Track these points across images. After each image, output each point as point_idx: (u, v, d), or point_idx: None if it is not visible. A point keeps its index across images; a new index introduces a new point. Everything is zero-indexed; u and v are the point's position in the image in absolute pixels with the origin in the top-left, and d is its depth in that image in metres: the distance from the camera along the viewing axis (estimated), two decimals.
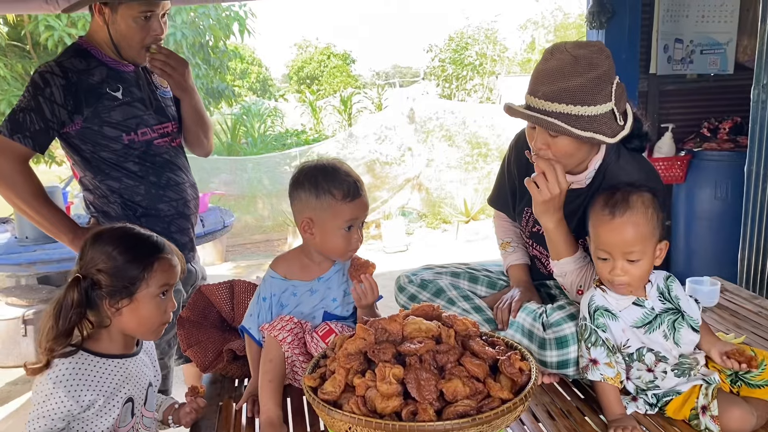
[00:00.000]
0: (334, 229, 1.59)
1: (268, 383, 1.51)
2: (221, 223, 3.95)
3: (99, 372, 1.39)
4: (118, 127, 1.98)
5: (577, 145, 1.64)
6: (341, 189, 1.56)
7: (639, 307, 1.55)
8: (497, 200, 2.12)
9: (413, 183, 8.01)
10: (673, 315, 1.55)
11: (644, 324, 1.53)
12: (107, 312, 1.39)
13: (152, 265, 1.40)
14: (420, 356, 1.21)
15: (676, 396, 1.48)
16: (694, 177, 3.79)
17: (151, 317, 1.42)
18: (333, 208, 1.57)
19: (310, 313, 1.66)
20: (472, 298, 1.98)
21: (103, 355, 1.41)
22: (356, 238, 1.62)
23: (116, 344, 1.44)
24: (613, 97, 1.60)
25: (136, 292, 1.39)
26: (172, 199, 2.12)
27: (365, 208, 1.62)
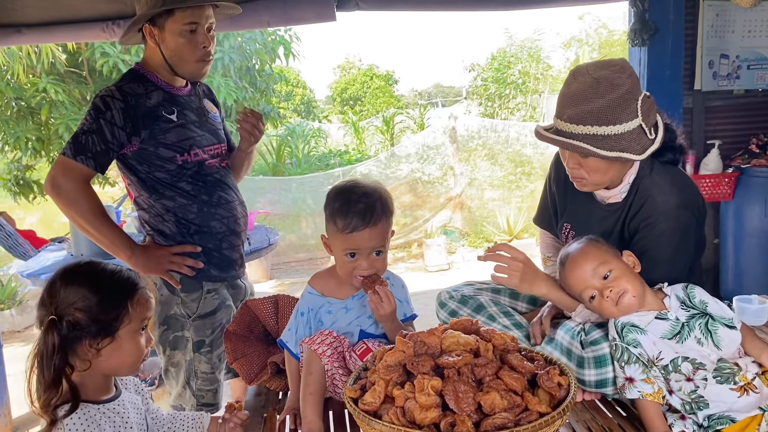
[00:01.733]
0: (339, 254, 1.64)
1: (309, 395, 1.56)
2: (267, 241, 4.03)
3: (106, 419, 1.35)
4: (173, 148, 2.07)
5: (609, 164, 1.66)
6: (344, 219, 1.59)
7: (663, 320, 1.55)
8: (542, 219, 2.14)
9: (455, 202, 8.02)
10: (702, 318, 1.54)
11: (674, 335, 1.53)
12: (87, 354, 1.33)
13: (133, 300, 1.37)
14: (458, 369, 1.24)
15: (730, 424, 1.45)
16: (743, 194, 3.71)
17: (132, 353, 1.38)
18: (335, 235, 1.63)
19: (347, 330, 1.70)
20: (512, 314, 1.99)
21: (99, 402, 1.37)
22: (362, 266, 1.62)
23: (101, 388, 1.39)
24: (639, 113, 1.61)
25: (118, 330, 1.35)
26: (223, 217, 2.20)
27: (369, 239, 1.59)
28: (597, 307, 1.61)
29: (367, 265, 1.63)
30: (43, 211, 8.37)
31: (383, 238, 1.63)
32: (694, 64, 3.83)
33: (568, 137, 1.63)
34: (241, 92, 6.65)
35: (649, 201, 1.72)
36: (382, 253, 1.65)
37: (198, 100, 2.22)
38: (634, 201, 1.75)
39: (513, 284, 1.68)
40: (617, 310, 1.57)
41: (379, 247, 1.63)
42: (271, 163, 9.47)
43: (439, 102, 18.48)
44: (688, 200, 1.72)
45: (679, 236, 1.70)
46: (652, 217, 1.71)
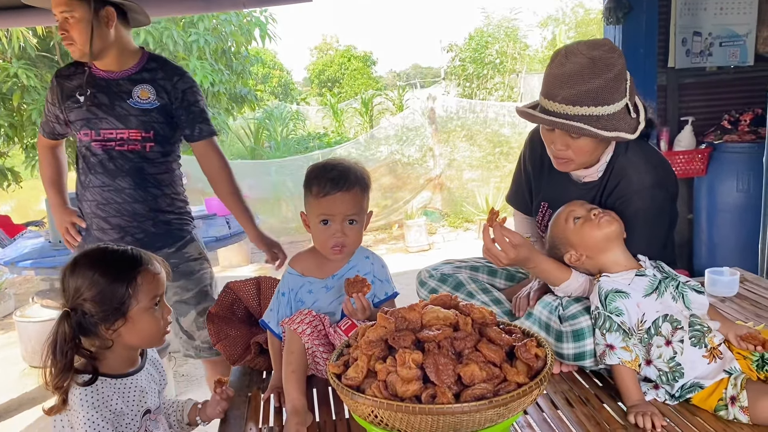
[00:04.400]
0: (315, 224, 1.67)
1: (291, 374, 1.58)
2: None
3: (120, 393, 1.43)
4: (72, 126, 2.30)
5: (597, 144, 1.68)
6: (318, 185, 1.63)
7: (643, 277, 1.62)
8: (515, 198, 2.17)
9: (435, 183, 8.05)
10: (673, 281, 1.63)
11: (654, 289, 1.60)
12: (106, 335, 1.41)
13: (136, 281, 1.41)
14: (438, 342, 1.27)
15: (699, 391, 1.51)
16: (716, 170, 3.79)
17: (151, 329, 1.45)
18: (310, 203, 1.66)
19: (329, 309, 1.73)
20: (491, 291, 2.03)
21: (117, 375, 1.45)
22: (333, 234, 1.64)
23: (123, 362, 1.47)
24: (627, 93, 1.64)
25: (128, 311, 1.40)
26: (90, 200, 2.31)
27: (342, 203, 1.62)
28: (578, 229, 1.66)
29: (341, 233, 1.64)
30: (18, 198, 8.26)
31: (357, 207, 1.64)
32: (668, 42, 3.88)
33: (563, 118, 1.64)
34: (217, 74, 6.59)
35: (625, 180, 1.75)
36: (356, 224, 1.67)
37: (130, 84, 2.26)
38: (610, 179, 1.79)
39: (505, 264, 1.71)
40: (599, 230, 1.63)
41: (353, 215, 1.64)
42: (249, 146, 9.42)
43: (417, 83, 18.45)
44: (662, 179, 1.76)
45: (653, 214, 1.74)
46: (627, 195, 1.74)
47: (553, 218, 1.75)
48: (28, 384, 3.76)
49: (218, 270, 6.39)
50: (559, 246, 1.72)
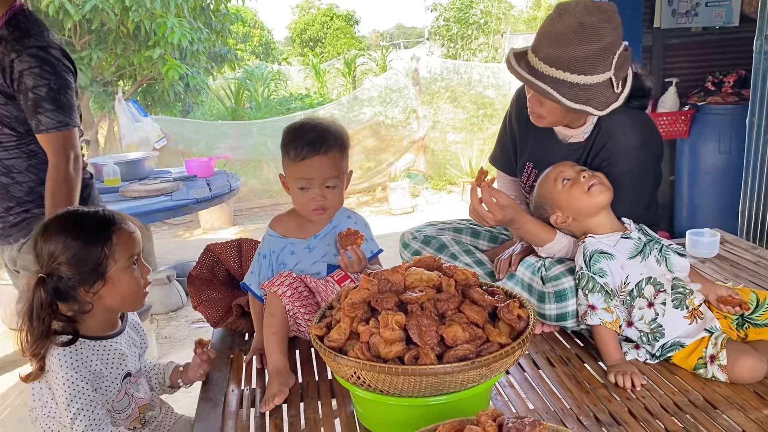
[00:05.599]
0: (294, 188, 1.63)
1: (273, 336, 1.57)
2: (228, 187, 3.97)
3: (99, 356, 1.42)
4: None
5: (567, 109, 1.66)
6: (295, 148, 1.58)
7: (628, 239, 1.62)
8: (500, 158, 2.14)
9: (418, 145, 7.99)
10: (657, 244, 1.63)
11: (638, 252, 1.61)
12: (86, 298, 1.39)
13: (111, 240, 1.39)
14: (421, 304, 1.26)
15: (680, 349, 1.53)
16: (698, 131, 3.79)
17: (131, 289, 1.43)
18: (288, 166, 1.62)
19: (313, 269, 1.71)
20: (474, 253, 2.02)
21: (97, 338, 1.44)
22: (312, 198, 1.61)
23: (103, 325, 1.46)
24: (613, 67, 1.60)
25: (106, 272, 1.38)
26: None
27: (320, 167, 1.58)
28: (567, 192, 1.65)
29: (321, 197, 1.61)
30: None
31: (336, 169, 1.61)
32: (654, 1, 3.83)
33: (537, 76, 1.62)
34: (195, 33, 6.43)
35: (611, 140, 1.74)
36: (335, 188, 1.63)
37: None
38: (596, 140, 1.77)
39: (491, 225, 1.70)
40: (588, 197, 1.62)
41: (331, 178, 1.61)
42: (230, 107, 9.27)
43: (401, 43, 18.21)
44: (648, 139, 1.75)
45: (639, 175, 1.74)
46: (613, 156, 1.73)
47: (542, 178, 1.74)
48: (8, 347, 3.74)
49: (200, 232, 6.35)
50: (546, 206, 1.71)
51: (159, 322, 3.87)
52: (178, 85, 6.70)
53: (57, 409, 1.38)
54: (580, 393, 1.47)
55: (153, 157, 4.68)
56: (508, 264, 1.86)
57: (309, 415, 1.46)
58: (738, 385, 1.45)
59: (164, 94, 6.85)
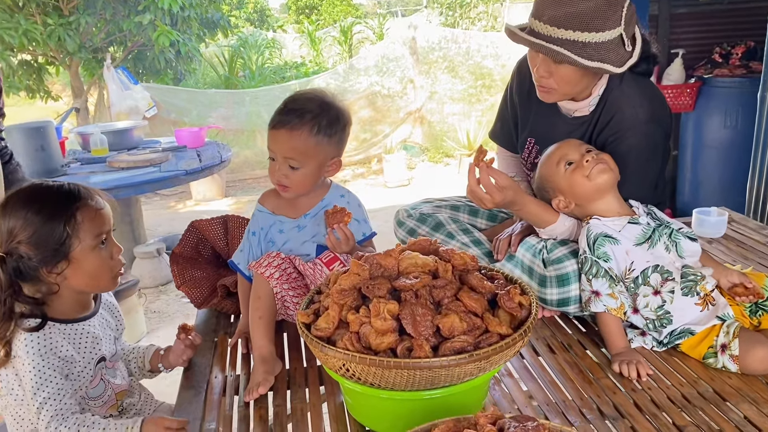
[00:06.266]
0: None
1: (259, 320, 1.48)
2: (218, 158, 3.87)
3: (70, 339, 1.33)
4: None
5: (581, 74, 1.55)
6: (275, 112, 1.51)
7: (636, 225, 1.52)
8: (500, 134, 2.04)
9: (415, 116, 7.85)
10: (667, 229, 1.54)
11: (646, 239, 1.51)
12: (49, 279, 1.29)
13: (75, 218, 1.28)
14: (416, 291, 1.17)
15: (689, 337, 1.44)
16: (704, 105, 3.67)
17: (99, 270, 1.33)
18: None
19: (302, 250, 1.61)
20: (471, 232, 1.93)
21: (67, 320, 1.34)
22: (275, 171, 1.52)
23: (73, 307, 1.37)
24: (622, 22, 1.50)
25: (70, 252, 1.28)
26: None
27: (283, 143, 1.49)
28: (569, 176, 1.55)
29: (281, 173, 1.52)
30: None
31: (300, 152, 1.49)
32: None
33: (545, 41, 1.50)
34: None
35: (618, 114, 1.64)
36: (300, 170, 1.52)
37: None
38: (602, 114, 1.67)
39: (490, 207, 1.60)
40: (590, 181, 1.52)
41: (294, 159, 1.50)
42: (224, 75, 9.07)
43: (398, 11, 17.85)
44: (658, 113, 1.65)
45: (647, 151, 1.64)
46: (620, 131, 1.63)
47: (544, 158, 1.63)
48: None
49: (192, 204, 6.24)
50: (548, 189, 1.61)
51: (148, 297, 3.79)
52: (169, 52, 6.51)
53: (26, 395, 1.30)
54: (583, 383, 1.39)
55: (142, 126, 4.55)
56: (507, 244, 1.77)
57: (296, 405, 1.38)
58: (750, 377, 1.37)
59: (155, 61, 6.68)
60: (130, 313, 3.27)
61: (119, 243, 1.40)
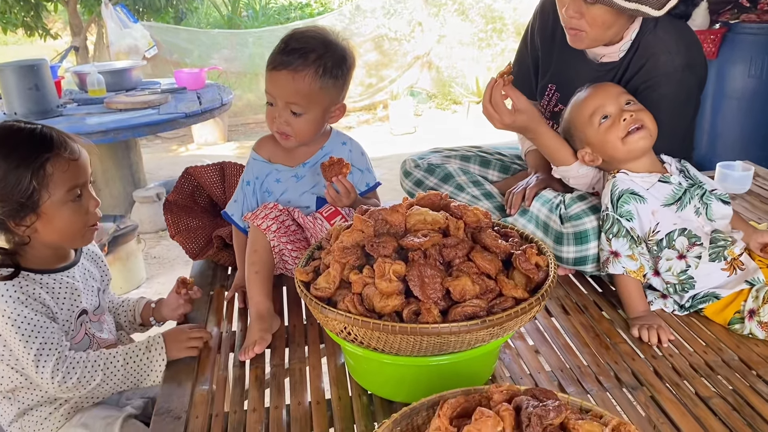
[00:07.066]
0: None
1: (255, 275, 1.40)
2: (219, 101, 3.74)
3: (48, 290, 1.24)
4: None
5: (615, 16, 1.41)
6: (273, 53, 1.38)
7: (666, 184, 1.41)
8: (517, 80, 1.89)
9: (423, 61, 7.61)
10: (699, 190, 1.42)
11: (675, 200, 1.40)
12: (18, 231, 1.20)
13: (44, 169, 1.17)
14: (424, 251, 1.07)
15: (714, 301, 1.35)
16: (728, 52, 3.49)
17: (71, 225, 1.23)
18: None
19: (300, 202, 1.51)
20: (482, 184, 1.82)
21: (44, 271, 1.26)
22: (275, 118, 1.40)
23: (49, 258, 1.28)
24: None
25: (39, 206, 1.18)
26: None
27: (284, 86, 1.36)
28: (602, 134, 1.42)
29: (283, 120, 1.40)
30: None
31: (303, 95, 1.37)
32: None
33: None
34: None
35: (652, 60, 1.50)
36: (303, 116, 1.40)
37: None
38: (633, 60, 1.54)
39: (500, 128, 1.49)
40: (623, 144, 1.39)
41: (297, 104, 1.38)
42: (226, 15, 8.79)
43: None
44: (694, 60, 1.52)
45: (680, 100, 1.52)
46: (653, 78, 1.50)
47: (577, 103, 1.49)
48: None
49: (194, 147, 6.11)
50: (575, 137, 1.49)
51: (147, 242, 3.72)
52: None
53: (9, 352, 1.22)
54: (599, 348, 1.31)
55: (141, 66, 4.40)
56: (521, 198, 1.66)
57: (294, 365, 1.30)
58: None
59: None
60: (129, 259, 3.21)
61: (118, 186, 1.30)
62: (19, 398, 1.28)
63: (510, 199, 1.68)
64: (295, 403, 1.19)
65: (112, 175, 3.94)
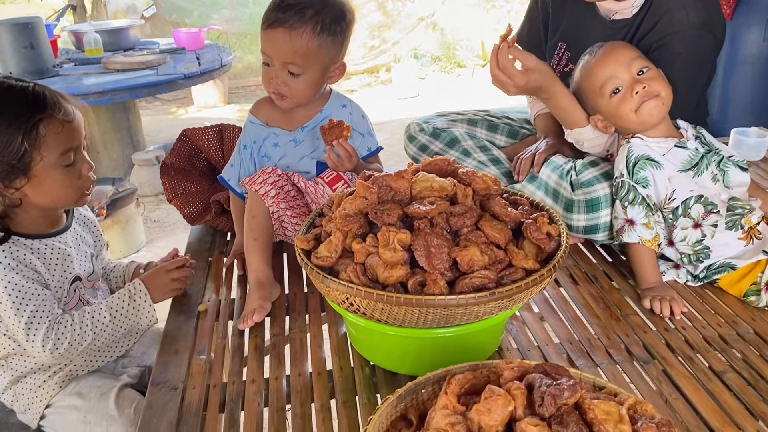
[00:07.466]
0: None
1: (254, 242, 1.35)
2: (219, 62, 3.66)
3: (39, 255, 1.20)
4: None
5: None
6: (267, 10, 1.31)
7: (683, 149, 1.35)
8: (526, 37, 1.82)
9: (427, 22, 7.44)
10: (716, 156, 1.36)
11: (692, 166, 1.34)
12: (7, 194, 1.15)
13: (37, 131, 1.12)
14: (431, 219, 1.02)
15: (729, 272, 1.30)
16: (744, 14, 3.37)
17: (63, 189, 1.18)
18: None
19: (300, 167, 1.46)
20: (489, 149, 1.76)
21: (34, 236, 1.21)
22: (271, 78, 1.34)
23: (40, 222, 1.23)
24: None
25: (30, 168, 1.13)
26: None
27: (281, 44, 1.29)
28: (613, 107, 1.36)
29: (280, 81, 1.34)
30: None
31: (301, 54, 1.31)
32: None
33: None
34: None
35: (666, 17, 1.43)
36: (301, 77, 1.34)
37: None
38: (647, 17, 1.46)
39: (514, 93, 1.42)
40: (637, 115, 1.34)
41: (294, 63, 1.32)
42: None
43: None
44: (712, 19, 1.44)
45: (695, 62, 1.45)
46: (668, 36, 1.43)
47: (586, 69, 1.42)
48: None
49: (194, 111, 6.02)
50: (586, 103, 1.43)
51: (146, 206, 3.66)
52: None
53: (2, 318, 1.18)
54: (609, 320, 1.27)
55: (139, 26, 4.29)
56: (530, 164, 1.60)
57: (294, 334, 1.26)
58: None
59: None
60: (129, 223, 3.16)
61: (117, 149, 1.24)
62: (12, 366, 1.25)
63: (518, 165, 1.63)
64: (296, 373, 1.16)
65: (110, 138, 3.87)
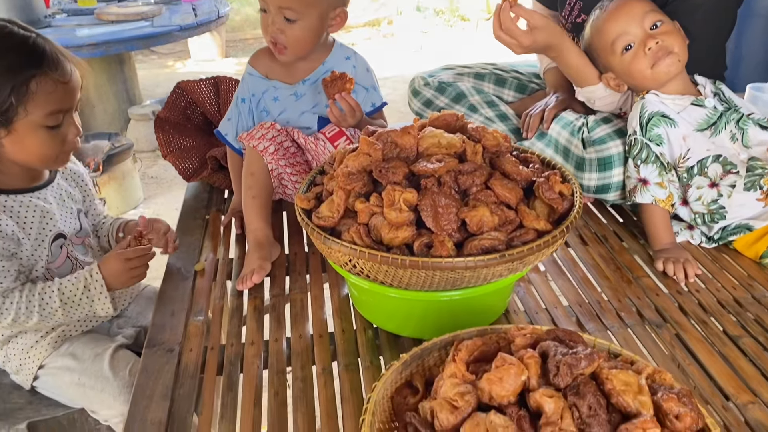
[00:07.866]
0: None
1: (252, 200, 1.30)
2: (215, 13, 3.57)
3: (12, 212, 1.14)
4: None
5: None
6: None
7: (700, 108, 1.29)
8: None
9: None
10: (736, 114, 1.30)
11: (709, 125, 1.28)
12: None
13: (27, 86, 1.05)
14: (438, 178, 0.97)
15: (746, 233, 1.26)
16: None
17: (43, 150, 1.11)
18: None
19: (300, 122, 1.39)
20: (497, 104, 1.70)
21: (7, 191, 1.15)
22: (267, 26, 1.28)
23: (18, 175, 1.17)
24: None
25: (12, 122, 1.06)
26: None
27: None
28: (625, 65, 1.30)
29: (276, 28, 1.28)
30: None
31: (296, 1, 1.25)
32: None
33: None
34: None
35: None
36: (297, 23, 1.27)
37: None
38: None
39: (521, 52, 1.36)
40: (651, 73, 1.28)
41: (290, 8, 1.25)
42: None
43: None
44: None
45: (717, 13, 1.38)
46: None
47: (596, 25, 1.34)
48: None
49: (192, 64, 5.90)
50: (597, 61, 1.36)
51: (144, 162, 3.60)
52: None
53: None
54: (620, 282, 1.23)
55: None
56: (539, 120, 1.54)
57: (295, 295, 1.22)
58: None
59: None
60: (125, 179, 3.11)
61: (112, 103, 1.17)
62: None
63: (527, 122, 1.57)
64: (296, 335, 1.12)
65: (105, 91, 3.78)
